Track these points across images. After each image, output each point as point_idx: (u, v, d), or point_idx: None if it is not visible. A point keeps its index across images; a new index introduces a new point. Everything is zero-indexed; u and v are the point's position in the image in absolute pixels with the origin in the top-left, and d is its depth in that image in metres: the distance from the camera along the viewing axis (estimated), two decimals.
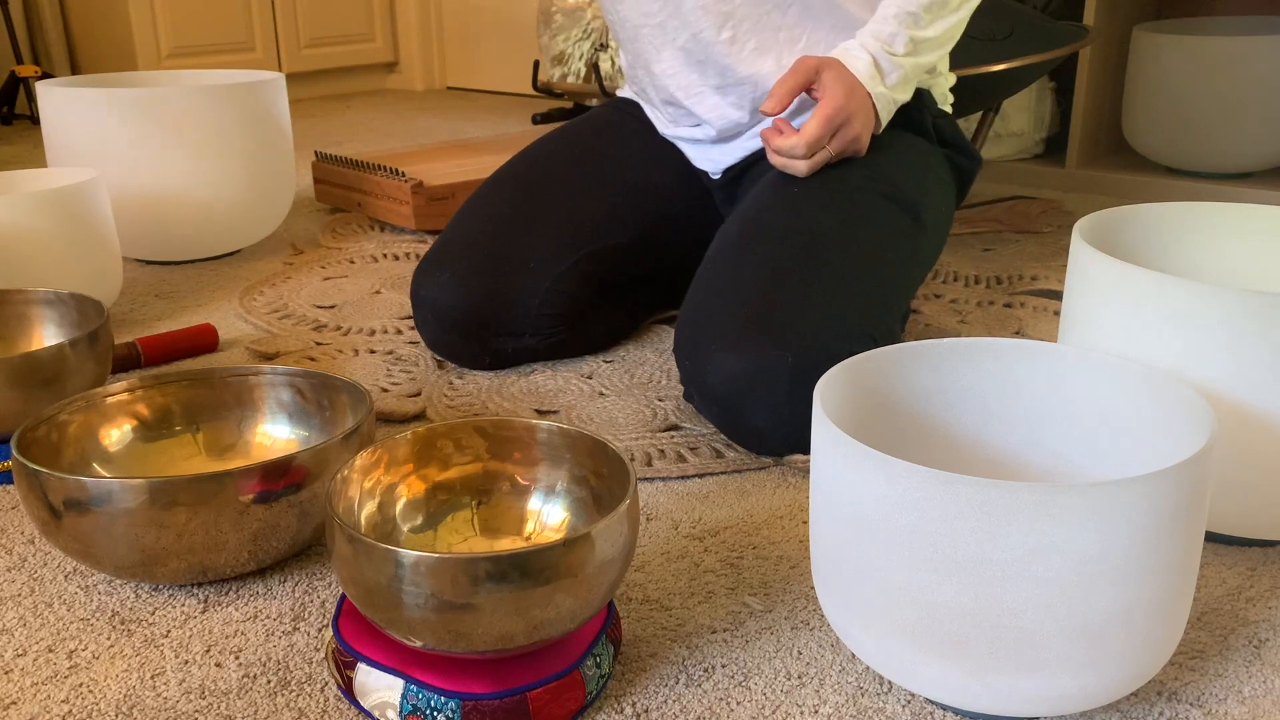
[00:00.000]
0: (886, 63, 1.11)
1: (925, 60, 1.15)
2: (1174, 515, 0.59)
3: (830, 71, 1.09)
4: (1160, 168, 2.12)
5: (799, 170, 1.12)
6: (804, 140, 1.09)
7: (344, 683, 0.69)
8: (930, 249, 1.19)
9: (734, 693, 0.71)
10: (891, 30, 1.12)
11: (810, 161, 1.11)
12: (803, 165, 1.11)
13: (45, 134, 1.63)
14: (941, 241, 1.22)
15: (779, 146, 1.11)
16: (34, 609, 0.81)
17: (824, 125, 1.09)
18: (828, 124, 1.09)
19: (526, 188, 1.28)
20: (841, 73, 1.10)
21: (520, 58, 3.63)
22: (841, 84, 1.09)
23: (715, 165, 1.30)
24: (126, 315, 1.48)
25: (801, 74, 1.08)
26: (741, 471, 1.01)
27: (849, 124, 1.10)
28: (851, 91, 1.09)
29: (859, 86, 1.10)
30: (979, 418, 0.80)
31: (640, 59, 1.26)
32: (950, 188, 1.26)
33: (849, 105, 1.09)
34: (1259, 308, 0.75)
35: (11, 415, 0.98)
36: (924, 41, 1.13)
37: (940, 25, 1.15)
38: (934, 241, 1.19)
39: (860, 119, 1.11)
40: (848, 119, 1.10)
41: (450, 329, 1.22)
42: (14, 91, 3.06)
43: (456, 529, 0.78)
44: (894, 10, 1.12)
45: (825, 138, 1.10)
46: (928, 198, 1.17)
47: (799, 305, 1.00)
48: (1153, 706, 0.69)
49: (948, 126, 1.26)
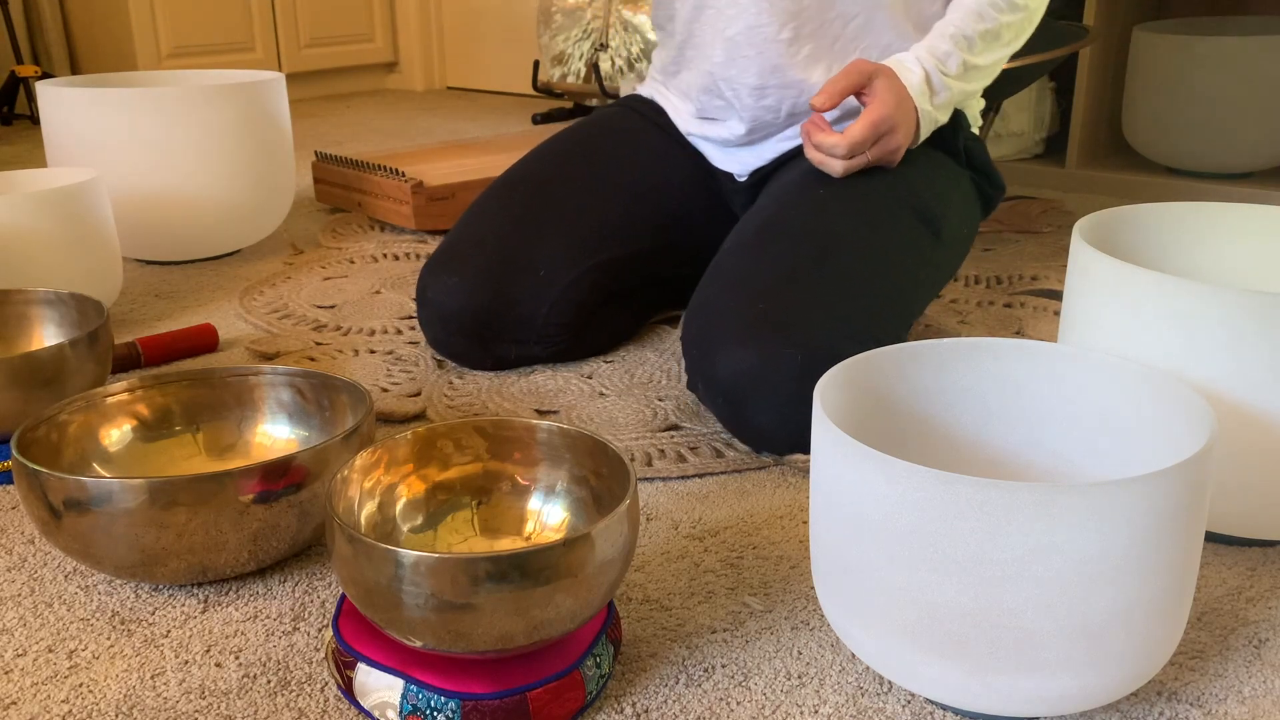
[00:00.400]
0: (938, 80, 1.12)
1: (971, 87, 1.17)
2: (1174, 515, 0.59)
3: (883, 79, 1.10)
4: (1160, 168, 2.12)
5: (834, 170, 1.12)
6: (847, 141, 1.09)
7: (344, 683, 0.69)
8: (947, 265, 1.19)
9: (734, 693, 0.71)
10: (947, 49, 1.13)
11: (847, 163, 1.11)
12: (839, 165, 1.11)
13: (45, 134, 1.63)
14: (959, 260, 1.23)
15: (820, 142, 1.11)
16: (34, 609, 0.81)
17: (870, 130, 1.09)
18: (873, 129, 1.09)
19: (538, 191, 1.27)
20: (894, 82, 1.10)
21: (520, 58, 3.63)
22: (893, 93, 1.09)
23: (743, 167, 1.29)
24: (126, 315, 1.48)
25: (855, 76, 1.09)
26: (741, 471, 1.01)
27: (893, 133, 1.11)
28: (901, 102, 1.10)
29: (908, 99, 1.11)
30: (979, 418, 0.80)
31: (693, 40, 1.25)
32: (974, 210, 1.26)
33: (896, 115, 1.10)
34: (1259, 308, 0.75)
35: (11, 415, 0.98)
36: (973, 68, 1.15)
37: (990, 55, 1.16)
38: (952, 258, 1.20)
39: (904, 131, 1.11)
40: (893, 128, 1.10)
41: (455, 332, 1.21)
42: (14, 91, 3.06)
43: (456, 529, 0.78)
44: (951, 30, 1.13)
45: (868, 142, 1.10)
46: (950, 215, 1.18)
47: (812, 305, 0.99)
48: (1153, 706, 0.69)
49: (978, 151, 1.27)
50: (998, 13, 1.15)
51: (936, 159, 1.20)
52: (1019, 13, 1.16)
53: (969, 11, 1.15)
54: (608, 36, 2.86)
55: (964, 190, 1.24)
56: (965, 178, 1.25)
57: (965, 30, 1.14)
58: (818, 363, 0.96)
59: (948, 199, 1.19)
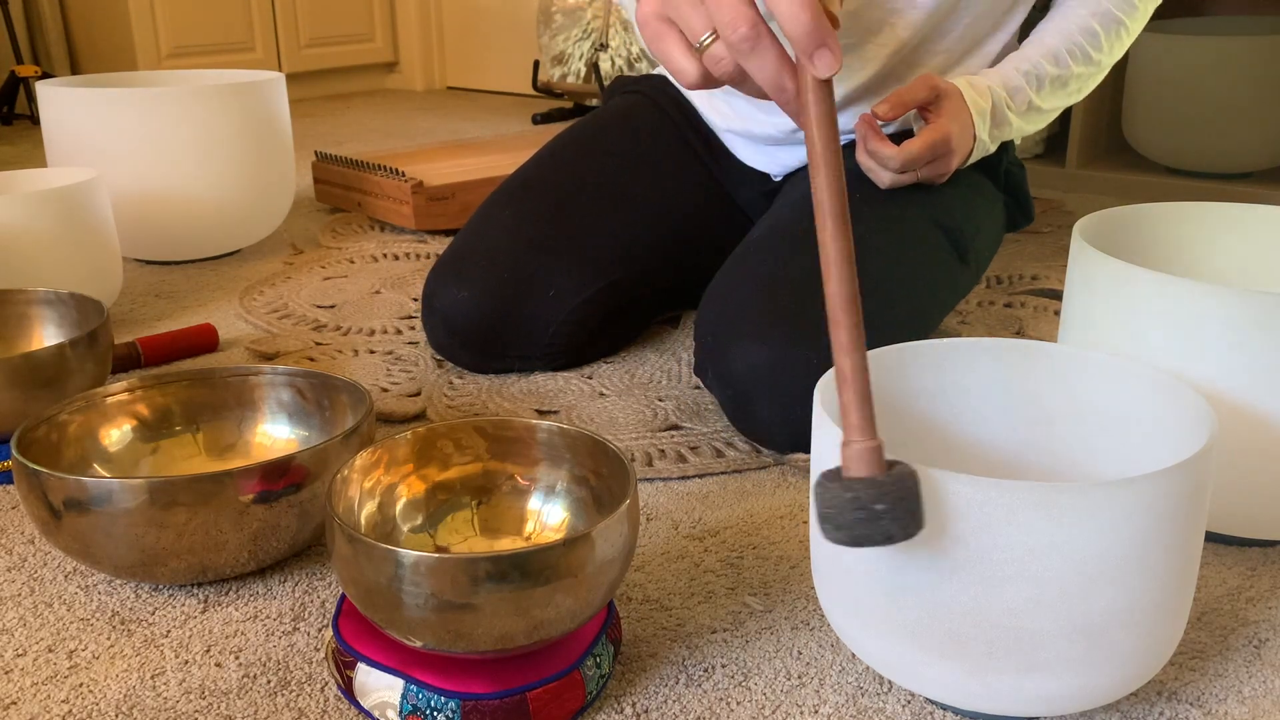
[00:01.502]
0: (1003, 113, 1.11)
1: (1028, 128, 1.16)
2: (1174, 515, 0.59)
3: (951, 101, 1.08)
4: (1160, 168, 2.12)
5: (881, 180, 1.11)
6: (903, 157, 1.07)
7: (344, 683, 0.69)
8: (965, 287, 1.19)
9: (734, 693, 0.71)
10: (1018, 85, 1.11)
11: (896, 177, 1.10)
12: (887, 177, 1.10)
13: (45, 134, 1.63)
14: (976, 281, 1.22)
15: (875, 149, 1.09)
16: (34, 609, 0.81)
17: (928, 150, 1.07)
18: (931, 150, 1.08)
19: (552, 202, 1.24)
20: (961, 105, 1.08)
21: (520, 58, 3.63)
22: (958, 117, 1.08)
23: (780, 167, 1.28)
24: (126, 315, 1.48)
25: (922, 92, 1.07)
26: (742, 471, 1.01)
27: (948, 157, 1.09)
28: (964, 128, 1.09)
29: (970, 125, 1.09)
30: (979, 418, 0.80)
31: None
32: (999, 235, 1.26)
33: (956, 140, 1.08)
34: (1259, 308, 0.75)
35: (11, 415, 0.98)
36: (1036, 110, 1.14)
37: (1054, 102, 1.15)
38: (969, 281, 1.20)
39: (959, 156, 1.10)
40: (949, 152, 1.09)
41: (460, 344, 1.21)
42: (14, 91, 3.06)
43: (456, 529, 0.78)
44: (1026, 67, 1.12)
45: (923, 161, 1.09)
46: (978, 240, 1.18)
47: None
48: (1153, 706, 0.69)
49: (1019, 177, 1.27)
50: (1073, 61, 1.13)
51: (976, 181, 1.19)
52: (1091, 66, 1.15)
53: (1047, 52, 1.13)
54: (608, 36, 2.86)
55: (996, 215, 1.23)
56: (1000, 202, 1.24)
57: (1039, 70, 1.12)
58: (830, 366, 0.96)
59: (978, 223, 1.18)
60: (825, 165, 0.59)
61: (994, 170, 1.22)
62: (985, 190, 1.21)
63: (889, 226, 1.09)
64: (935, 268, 1.11)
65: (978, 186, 1.19)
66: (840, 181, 0.60)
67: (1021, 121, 1.14)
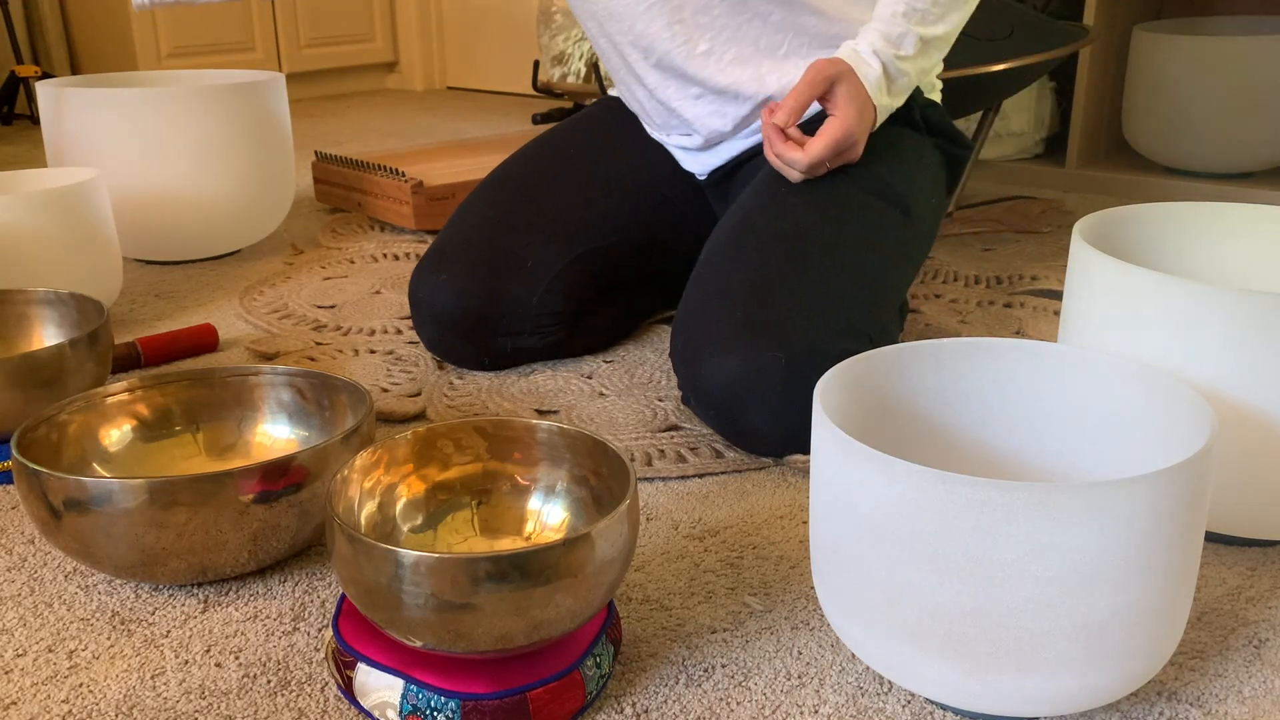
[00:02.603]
0: (894, 69, 1.09)
1: (930, 63, 1.14)
2: (1174, 515, 0.59)
3: (845, 86, 1.07)
4: (1160, 168, 2.12)
5: (793, 177, 1.11)
6: (808, 159, 1.07)
7: (344, 683, 0.69)
8: (922, 242, 1.18)
9: (734, 693, 0.71)
10: (900, 30, 1.09)
11: (806, 174, 1.10)
12: (797, 175, 1.11)
13: (45, 134, 1.63)
14: (933, 232, 1.21)
15: (781, 153, 1.09)
16: (34, 609, 0.81)
17: (831, 148, 1.07)
18: (835, 148, 1.07)
19: (522, 188, 1.28)
20: (855, 88, 1.07)
21: (520, 58, 3.63)
22: (854, 103, 1.07)
23: (703, 168, 1.30)
24: (126, 315, 1.48)
25: (818, 85, 1.06)
26: (741, 471, 1.01)
27: (854, 147, 1.09)
28: (862, 112, 1.08)
29: (869, 103, 1.08)
30: (979, 418, 0.80)
31: (621, 72, 1.26)
32: (940, 177, 1.25)
33: (857, 129, 1.08)
34: (1259, 308, 0.75)
35: (11, 415, 0.98)
36: (932, 41, 1.11)
37: (949, 20, 1.12)
38: (925, 234, 1.19)
39: (864, 138, 1.10)
40: (854, 143, 1.08)
41: (449, 330, 1.22)
42: (14, 91, 3.06)
43: (456, 529, 0.78)
44: (903, 8, 1.09)
45: (828, 159, 1.09)
46: (916, 190, 1.17)
47: (790, 305, 1.00)
48: (1153, 706, 0.69)
49: (936, 114, 1.24)
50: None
51: (894, 134, 1.17)
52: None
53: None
54: None
55: (928, 160, 1.22)
56: (927, 145, 1.22)
57: (916, 3, 1.09)
58: (802, 362, 0.96)
59: (912, 174, 1.17)
60: None
61: (907, 118, 1.20)
62: (907, 139, 1.19)
63: (823, 210, 1.09)
64: (880, 233, 1.10)
65: (898, 138, 1.18)
66: None
67: (922, 61, 1.11)
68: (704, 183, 1.31)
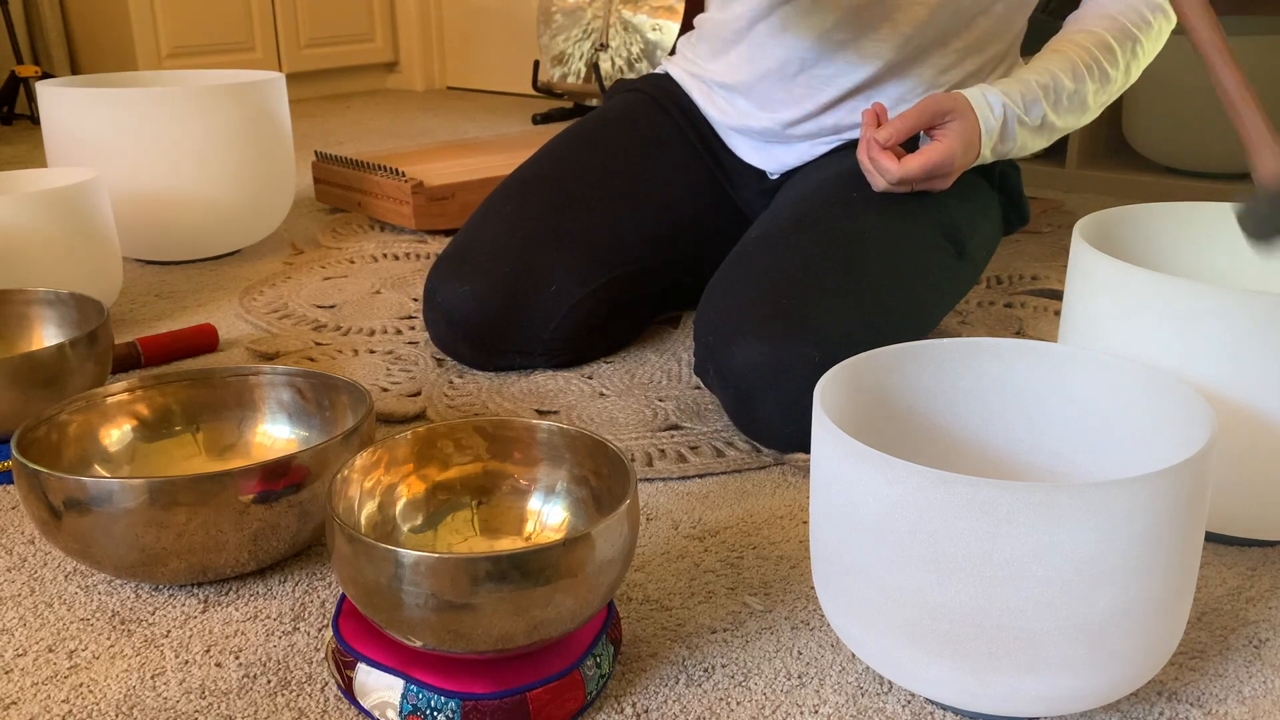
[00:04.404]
0: (1012, 129, 1.09)
1: (1035, 145, 1.14)
2: (1174, 515, 0.59)
3: (960, 121, 1.07)
4: (1160, 168, 2.12)
5: (877, 185, 1.11)
6: (900, 174, 1.07)
7: (344, 683, 0.69)
8: (965, 284, 1.19)
9: (734, 693, 0.71)
10: (1034, 98, 1.09)
11: (891, 186, 1.10)
12: (882, 184, 1.10)
13: (45, 134, 1.63)
14: (975, 280, 1.22)
15: (876, 159, 1.08)
16: (34, 609, 0.81)
17: (926, 170, 1.07)
18: (929, 172, 1.07)
19: (554, 198, 1.25)
20: (970, 126, 1.07)
21: (520, 58, 3.63)
22: (963, 138, 1.07)
23: (778, 165, 1.28)
24: (126, 315, 1.48)
25: (929, 115, 1.06)
26: (741, 471, 1.01)
27: (946, 178, 1.09)
28: (968, 149, 1.08)
29: (976, 144, 1.08)
30: (979, 418, 0.80)
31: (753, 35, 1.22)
32: (997, 234, 1.26)
33: (958, 161, 1.08)
34: (1259, 308, 0.75)
35: (11, 415, 0.98)
36: (1048, 126, 1.12)
37: (1070, 118, 1.13)
38: (969, 278, 1.20)
39: (957, 174, 1.10)
40: (950, 173, 1.09)
41: (461, 338, 1.21)
42: (14, 91, 3.06)
43: (456, 529, 0.78)
44: (1045, 80, 1.10)
45: (920, 180, 1.09)
46: (977, 236, 1.18)
47: (833, 306, 0.99)
48: (1153, 706, 0.69)
49: (1013, 177, 1.26)
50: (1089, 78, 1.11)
51: (970, 179, 1.18)
52: (1108, 84, 1.13)
53: (1066, 64, 1.11)
54: (608, 36, 2.86)
55: (991, 214, 1.23)
56: (995, 201, 1.24)
57: (1057, 84, 1.10)
58: (833, 363, 0.96)
59: (975, 221, 1.18)
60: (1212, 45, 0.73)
61: (988, 171, 1.22)
62: (980, 189, 1.21)
63: (889, 224, 1.09)
64: (934, 264, 1.11)
65: (973, 186, 1.19)
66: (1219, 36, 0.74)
67: (1030, 138, 1.13)
68: (762, 186, 1.29)
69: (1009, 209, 1.28)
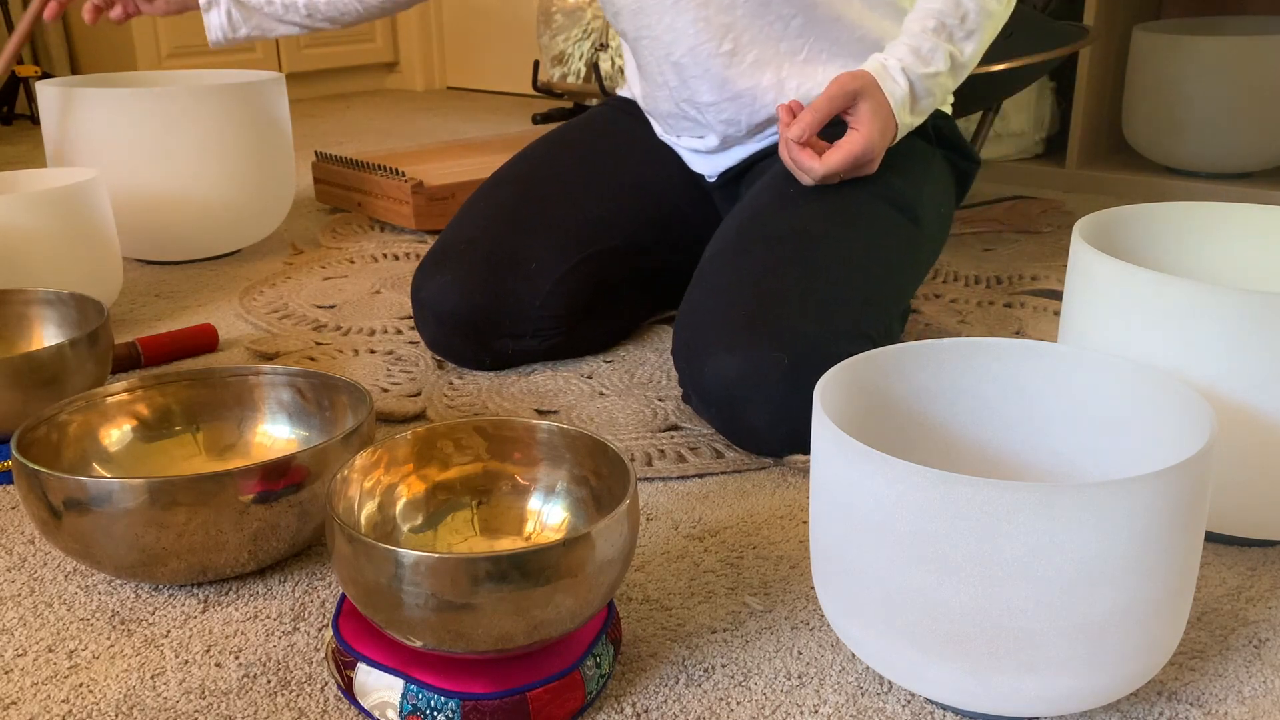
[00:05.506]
0: (921, 88, 1.08)
1: (954, 83, 1.13)
2: (1174, 515, 0.59)
3: (868, 102, 1.05)
4: (1160, 168, 2.12)
5: (805, 181, 1.10)
6: (823, 171, 1.06)
7: (344, 683, 0.69)
8: (928, 250, 1.18)
9: (734, 693, 0.71)
10: (930, 46, 1.08)
11: (819, 182, 1.09)
12: (810, 181, 1.10)
13: (45, 134, 1.63)
14: (940, 242, 1.21)
15: (797, 160, 1.08)
16: (34, 609, 0.81)
17: (848, 163, 1.06)
18: (852, 162, 1.06)
19: (527, 188, 1.28)
20: (879, 104, 1.06)
21: (520, 58, 3.63)
22: (877, 119, 1.05)
23: (713, 169, 1.29)
24: (126, 315, 1.48)
25: (839, 101, 1.05)
26: (741, 471, 1.01)
27: (871, 163, 1.08)
28: (884, 129, 1.07)
29: (891, 120, 1.07)
30: (979, 418, 0.80)
31: (645, 68, 1.25)
32: (950, 189, 1.25)
33: (878, 145, 1.07)
34: (1259, 308, 0.75)
35: (11, 415, 0.98)
36: (958, 64, 1.10)
37: (976, 39, 1.10)
38: (932, 243, 1.19)
39: (882, 154, 1.09)
40: (872, 159, 1.08)
41: (450, 330, 1.21)
42: (14, 91, 3.06)
43: (456, 529, 0.78)
44: (934, 24, 1.08)
45: (844, 173, 1.08)
46: (925, 200, 1.16)
47: (794, 306, 0.99)
48: (1153, 706, 0.69)
49: (947, 128, 1.25)
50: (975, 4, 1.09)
51: (905, 143, 1.16)
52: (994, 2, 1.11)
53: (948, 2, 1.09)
54: (608, 36, 2.86)
55: (937, 171, 1.21)
56: (937, 156, 1.22)
57: (948, 18, 1.08)
58: (805, 362, 0.96)
59: (921, 183, 1.17)
60: None
61: (920, 129, 1.19)
62: (918, 149, 1.19)
63: (831, 213, 1.08)
64: (888, 240, 1.10)
65: (909, 148, 1.17)
66: None
67: (945, 82, 1.10)
68: (712, 185, 1.31)
69: (956, 159, 1.26)
